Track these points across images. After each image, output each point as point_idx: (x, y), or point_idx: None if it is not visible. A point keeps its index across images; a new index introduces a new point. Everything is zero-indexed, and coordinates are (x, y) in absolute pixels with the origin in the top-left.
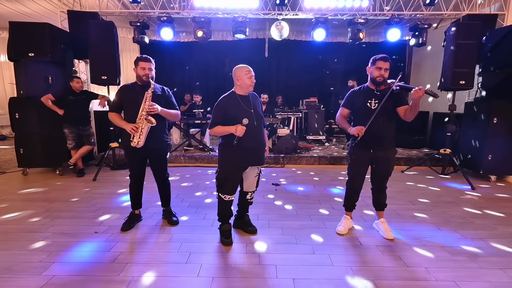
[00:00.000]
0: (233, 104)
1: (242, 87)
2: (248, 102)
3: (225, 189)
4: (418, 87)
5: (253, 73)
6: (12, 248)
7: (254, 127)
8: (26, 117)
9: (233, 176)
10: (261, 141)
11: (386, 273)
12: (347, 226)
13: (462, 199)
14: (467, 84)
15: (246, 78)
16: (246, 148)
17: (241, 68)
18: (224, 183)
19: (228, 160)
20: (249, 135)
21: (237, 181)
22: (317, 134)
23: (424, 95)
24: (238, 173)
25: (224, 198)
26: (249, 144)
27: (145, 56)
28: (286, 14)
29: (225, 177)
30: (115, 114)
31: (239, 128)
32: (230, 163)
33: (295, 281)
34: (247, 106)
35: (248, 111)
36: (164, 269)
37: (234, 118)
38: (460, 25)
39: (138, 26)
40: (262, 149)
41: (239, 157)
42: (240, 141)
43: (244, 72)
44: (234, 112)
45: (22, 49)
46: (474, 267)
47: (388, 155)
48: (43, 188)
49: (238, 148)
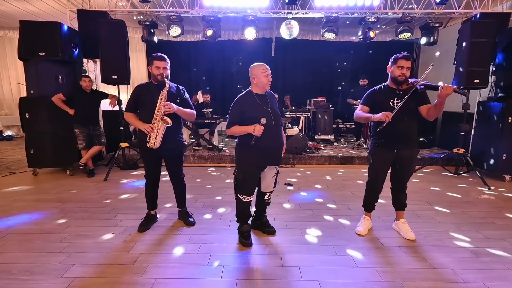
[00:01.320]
0: (250, 103)
1: (258, 85)
2: (265, 101)
3: (243, 189)
4: (447, 85)
5: (270, 72)
6: (29, 250)
7: (272, 126)
8: (37, 117)
9: (251, 177)
10: (279, 140)
11: (413, 274)
12: (367, 226)
13: (479, 199)
14: (482, 83)
15: (262, 76)
16: (264, 148)
17: (257, 67)
18: (243, 184)
19: (246, 160)
20: (267, 134)
21: (255, 182)
22: (326, 133)
23: (452, 93)
24: (256, 173)
25: (243, 199)
26: (267, 143)
27: (160, 55)
28: (296, 13)
29: (244, 178)
30: (131, 114)
31: (257, 127)
32: (248, 163)
33: (321, 283)
34: (265, 105)
35: (266, 110)
36: (186, 271)
37: (251, 118)
38: (475, 24)
39: (147, 25)
40: (280, 148)
41: (257, 157)
42: (258, 141)
43: (261, 71)
44: (251, 112)
45: (32, 49)
46: (502, 268)
47: (412, 154)
48: (55, 189)
49: (256, 148)
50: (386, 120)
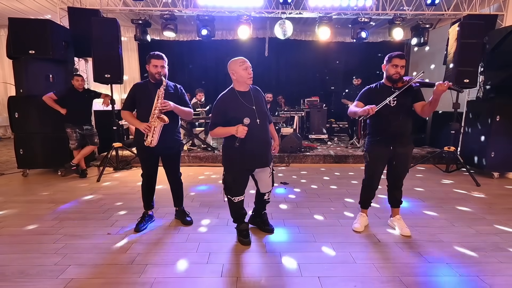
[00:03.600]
0: (233, 102)
1: (239, 81)
2: (249, 98)
3: (233, 191)
4: (443, 82)
5: (249, 64)
6: (22, 252)
7: (257, 126)
8: (26, 117)
9: (240, 178)
10: (266, 141)
11: (410, 269)
12: (363, 223)
13: (469, 195)
14: (471, 82)
15: (241, 70)
16: (250, 150)
17: (234, 61)
18: (232, 186)
19: (233, 163)
20: (252, 135)
21: (245, 182)
22: (320, 133)
23: (447, 90)
24: (245, 175)
25: (234, 200)
26: (253, 145)
27: (158, 53)
28: (290, 13)
29: (233, 180)
30: (128, 112)
31: (239, 129)
32: (235, 166)
33: (321, 279)
34: (248, 103)
35: (250, 108)
36: (186, 269)
37: (234, 118)
38: (464, 25)
39: (140, 24)
40: (267, 149)
41: (243, 160)
42: (243, 143)
43: (238, 64)
44: (234, 111)
45: (22, 46)
46: (495, 262)
47: (407, 151)
48: (47, 190)
49: (241, 150)
50: (370, 113)
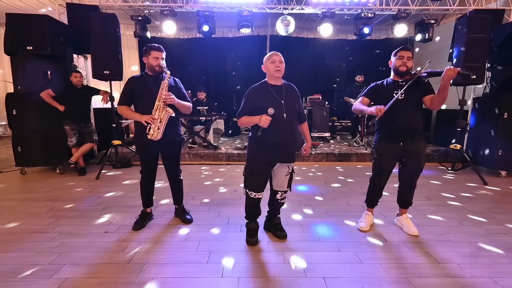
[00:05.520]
0: (262, 93)
1: (268, 74)
2: (280, 92)
3: (250, 185)
4: (451, 66)
5: (279, 58)
6: (16, 250)
7: (283, 119)
8: (25, 114)
9: (259, 172)
10: (292, 137)
11: (419, 270)
12: (369, 222)
13: (477, 194)
14: (478, 78)
15: (268, 63)
16: (272, 142)
17: (267, 56)
18: (250, 179)
19: (253, 154)
20: (276, 127)
21: (264, 178)
22: (322, 131)
23: (456, 76)
24: (264, 169)
25: (250, 194)
26: (276, 137)
27: (158, 45)
28: (292, 9)
29: (251, 173)
30: (125, 107)
31: (263, 118)
32: (255, 158)
33: (326, 280)
34: (278, 96)
35: (278, 101)
36: (185, 269)
37: (260, 108)
38: (471, 19)
39: (139, 21)
40: (292, 146)
41: (264, 151)
42: (265, 134)
43: (267, 57)
44: (261, 102)
45: (19, 42)
46: (507, 263)
47: (420, 148)
48: (44, 188)
49: (263, 142)
50: (379, 114)
